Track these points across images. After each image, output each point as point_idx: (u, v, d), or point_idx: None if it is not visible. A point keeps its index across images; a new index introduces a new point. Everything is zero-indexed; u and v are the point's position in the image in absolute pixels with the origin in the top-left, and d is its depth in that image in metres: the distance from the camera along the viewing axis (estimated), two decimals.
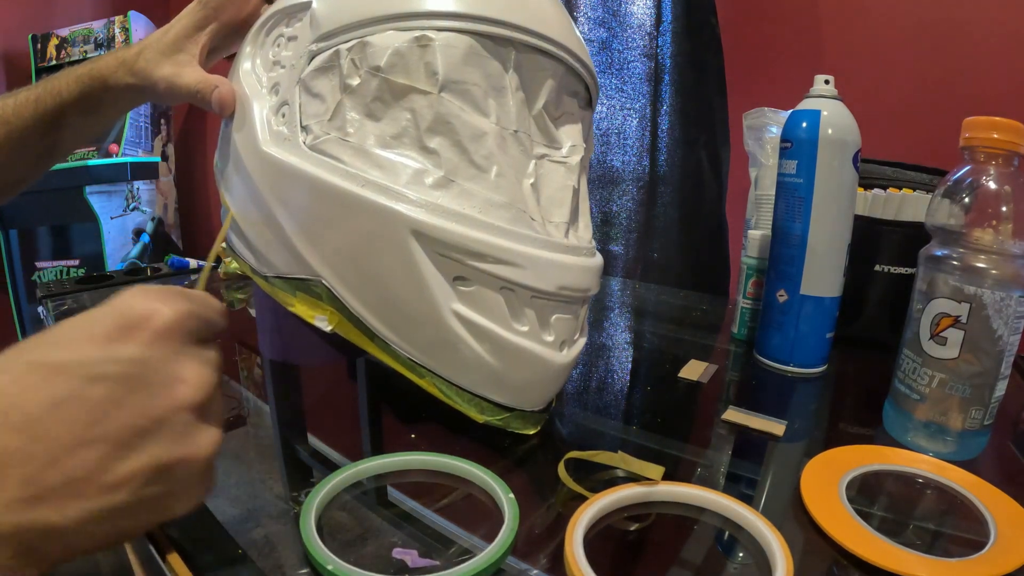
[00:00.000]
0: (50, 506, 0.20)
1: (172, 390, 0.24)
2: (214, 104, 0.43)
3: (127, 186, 1.96)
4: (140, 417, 0.23)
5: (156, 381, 0.23)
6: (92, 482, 0.21)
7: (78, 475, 0.21)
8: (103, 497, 0.22)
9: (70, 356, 0.23)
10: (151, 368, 0.23)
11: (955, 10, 0.99)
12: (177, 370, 0.24)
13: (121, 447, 0.22)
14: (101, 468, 0.22)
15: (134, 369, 0.23)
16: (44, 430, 0.21)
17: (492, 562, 0.29)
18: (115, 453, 0.22)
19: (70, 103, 0.48)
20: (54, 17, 2.07)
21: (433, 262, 0.36)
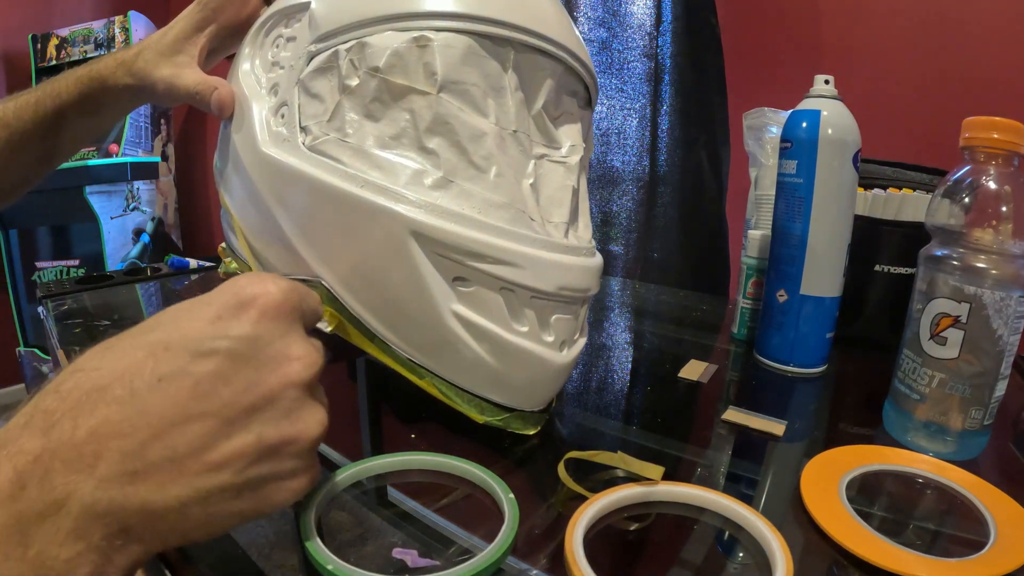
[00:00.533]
0: (150, 483, 0.20)
1: (281, 367, 0.23)
2: (213, 106, 0.43)
3: (127, 186, 1.96)
4: (247, 393, 0.22)
5: (265, 358, 0.23)
6: (195, 459, 0.21)
7: (181, 451, 0.20)
8: (206, 476, 0.21)
9: (178, 334, 0.22)
10: (260, 345, 0.23)
11: (955, 10, 0.99)
12: (285, 348, 0.24)
13: (227, 423, 0.21)
14: (205, 445, 0.21)
15: (243, 346, 0.22)
16: (149, 404, 0.20)
17: (492, 562, 0.29)
18: (221, 429, 0.21)
19: (70, 105, 0.48)
20: (54, 17, 2.07)
21: (432, 263, 0.36)
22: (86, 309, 0.72)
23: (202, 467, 0.21)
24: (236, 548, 0.30)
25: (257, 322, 0.23)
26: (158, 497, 0.20)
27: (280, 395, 0.23)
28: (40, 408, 0.20)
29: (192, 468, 0.21)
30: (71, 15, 2.06)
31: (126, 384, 0.20)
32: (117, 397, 0.20)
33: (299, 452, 0.24)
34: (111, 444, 0.19)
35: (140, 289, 0.84)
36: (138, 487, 0.20)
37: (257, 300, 0.23)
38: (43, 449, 0.19)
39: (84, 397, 0.20)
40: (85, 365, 0.21)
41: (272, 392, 0.23)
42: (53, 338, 0.64)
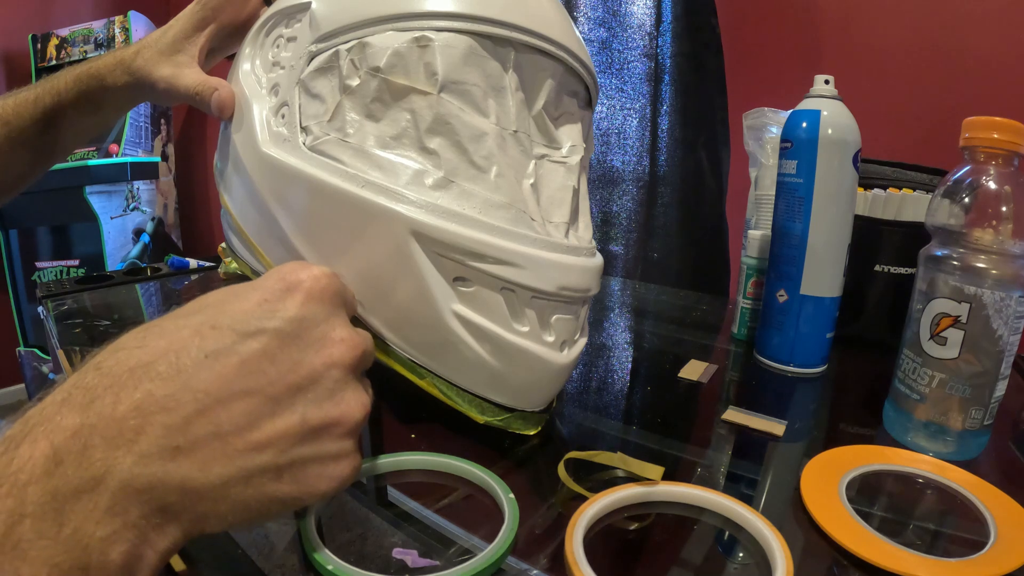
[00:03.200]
0: (193, 459, 0.19)
1: (326, 347, 0.23)
2: (213, 107, 0.43)
3: (127, 186, 1.96)
4: (293, 373, 0.22)
5: (311, 338, 0.23)
6: (240, 437, 0.21)
7: (226, 428, 0.20)
8: (249, 455, 0.21)
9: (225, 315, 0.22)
10: (306, 326, 0.23)
11: (955, 10, 0.99)
12: (330, 330, 0.24)
13: (272, 402, 0.21)
14: (250, 423, 0.21)
15: (289, 326, 0.23)
16: (194, 380, 0.20)
17: (492, 562, 0.29)
18: (266, 408, 0.21)
19: (69, 102, 0.48)
20: (54, 17, 2.07)
21: (433, 263, 0.36)
22: (86, 309, 0.72)
23: (246, 445, 0.21)
24: (236, 548, 0.30)
25: (303, 304, 0.23)
26: (200, 474, 0.20)
27: (324, 375, 0.23)
28: (80, 385, 0.19)
29: (236, 445, 0.20)
30: (71, 15, 2.06)
31: (171, 361, 0.20)
32: (161, 373, 0.20)
33: (342, 434, 0.24)
34: (154, 419, 0.19)
35: (140, 289, 0.84)
36: (180, 463, 0.19)
37: (303, 284, 0.24)
38: (82, 424, 0.18)
39: (127, 373, 0.20)
40: (127, 344, 0.21)
41: (316, 372, 0.23)
42: (53, 338, 0.64)
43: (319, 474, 0.23)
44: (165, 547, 0.20)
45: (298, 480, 0.23)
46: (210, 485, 0.20)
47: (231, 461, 0.20)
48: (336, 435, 0.24)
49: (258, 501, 0.22)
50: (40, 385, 1.93)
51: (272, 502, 0.22)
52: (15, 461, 0.17)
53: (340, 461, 0.24)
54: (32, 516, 0.17)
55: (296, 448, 0.22)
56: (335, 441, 0.24)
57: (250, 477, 0.21)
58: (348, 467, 0.25)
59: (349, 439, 0.24)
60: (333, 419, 0.23)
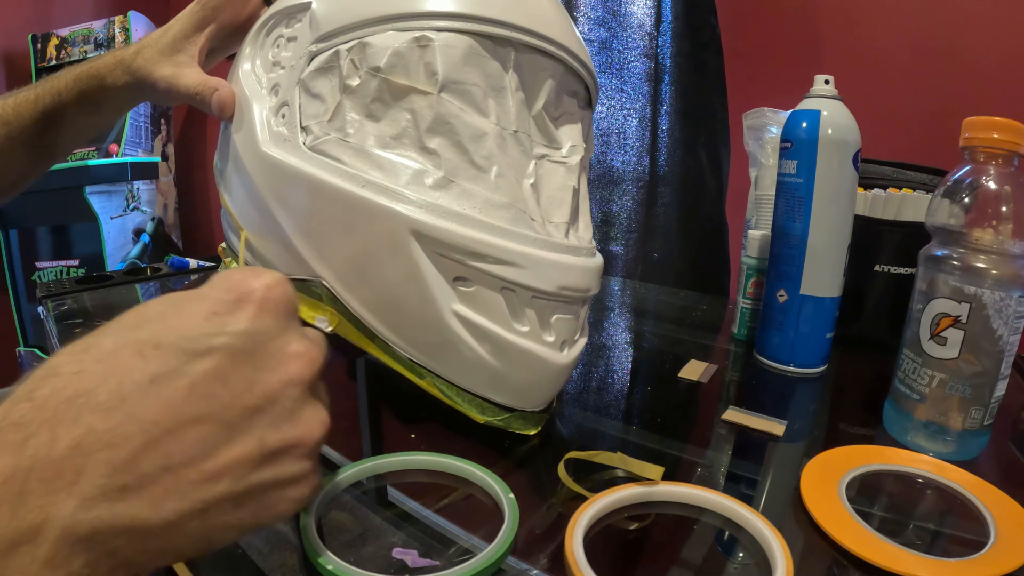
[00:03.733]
0: (143, 497, 0.18)
1: (283, 364, 0.22)
2: (214, 107, 0.43)
3: (127, 186, 1.96)
4: (248, 394, 0.20)
5: (265, 355, 0.21)
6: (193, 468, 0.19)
7: (177, 460, 0.18)
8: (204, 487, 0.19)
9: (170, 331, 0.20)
10: (259, 341, 0.21)
11: (955, 10, 0.99)
12: (285, 344, 0.22)
13: (227, 427, 0.20)
14: (204, 452, 0.19)
15: (241, 342, 0.21)
16: (140, 409, 0.18)
17: (492, 562, 0.29)
18: (220, 434, 0.19)
19: (69, 102, 0.48)
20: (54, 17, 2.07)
21: (433, 262, 0.36)
22: (86, 309, 0.72)
23: (200, 476, 0.19)
24: (236, 548, 0.30)
25: (255, 317, 0.22)
26: (151, 512, 0.18)
27: (281, 395, 0.21)
28: (11, 420, 0.17)
29: (189, 478, 0.19)
30: (71, 15, 2.06)
31: (113, 388, 0.18)
32: (103, 403, 0.18)
33: (301, 455, 0.22)
34: (97, 456, 0.17)
35: (140, 289, 0.84)
36: (129, 503, 0.17)
37: (254, 294, 0.22)
38: (16, 467, 0.16)
39: (64, 405, 0.18)
40: (62, 369, 0.19)
41: (273, 392, 0.21)
42: (53, 338, 0.64)
43: (278, 497, 0.22)
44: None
45: (257, 506, 0.21)
46: (163, 523, 0.18)
47: (184, 495, 0.19)
48: (296, 456, 0.22)
49: (214, 531, 0.20)
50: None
51: (229, 530, 0.21)
52: None
53: (299, 483, 0.22)
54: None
55: (254, 474, 0.20)
56: (294, 462, 0.22)
57: (207, 509, 0.19)
58: (307, 488, 0.23)
59: (308, 460, 0.23)
60: (292, 441, 0.22)
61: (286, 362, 0.22)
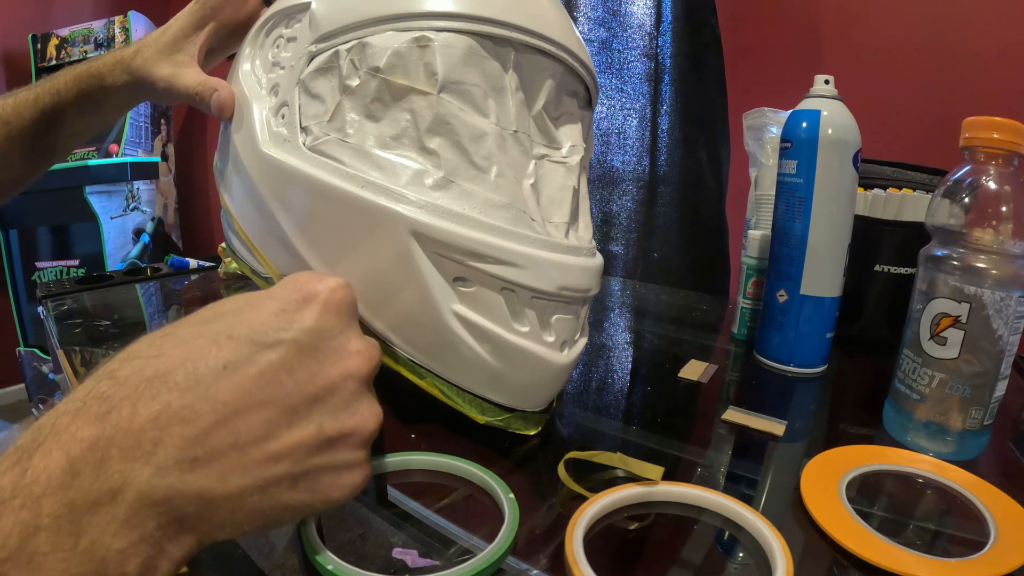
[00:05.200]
0: (211, 471, 0.20)
1: (343, 359, 0.24)
2: (213, 108, 0.43)
3: (127, 186, 1.96)
4: (310, 384, 0.22)
5: (328, 349, 0.23)
6: (258, 447, 0.21)
7: (244, 439, 0.20)
8: (266, 466, 0.21)
9: (243, 324, 0.22)
10: (323, 337, 0.24)
11: (955, 10, 0.99)
12: (346, 342, 0.25)
13: (289, 413, 0.22)
14: (268, 433, 0.21)
15: (306, 338, 0.23)
16: (212, 391, 0.20)
17: (492, 562, 0.29)
18: (283, 419, 0.21)
19: (68, 102, 0.48)
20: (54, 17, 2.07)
21: (433, 263, 0.36)
22: (86, 309, 0.72)
23: (263, 455, 0.21)
24: (236, 548, 0.30)
25: (320, 316, 0.24)
26: (218, 485, 0.20)
27: (340, 387, 0.23)
28: (95, 394, 0.19)
29: (254, 456, 0.21)
30: (71, 15, 2.06)
31: (189, 371, 0.20)
32: (179, 383, 0.20)
33: (356, 444, 0.24)
34: (173, 430, 0.19)
35: (140, 289, 0.84)
36: (198, 474, 0.19)
37: (319, 295, 0.24)
38: (99, 435, 0.18)
39: (144, 384, 0.19)
40: (142, 352, 0.21)
41: (333, 383, 0.23)
42: (53, 338, 0.64)
43: (332, 483, 0.24)
44: (179, 557, 0.20)
45: (312, 488, 0.23)
46: (227, 495, 0.20)
47: (249, 471, 0.21)
48: (351, 445, 0.24)
49: (272, 509, 0.22)
50: (40, 385, 1.93)
51: (286, 510, 0.22)
52: (29, 472, 0.17)
53: (352, 470, 0.24)
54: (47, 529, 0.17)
55: (312, 458, 0.22)
56: (349, 451, 0.24)
57: (267, 487, 0.21)
58: (360, 476, 0.25)
59: (362, 449, 0.25)
60: (348, 430, 0.24)
61: (346, 357, 0.24)
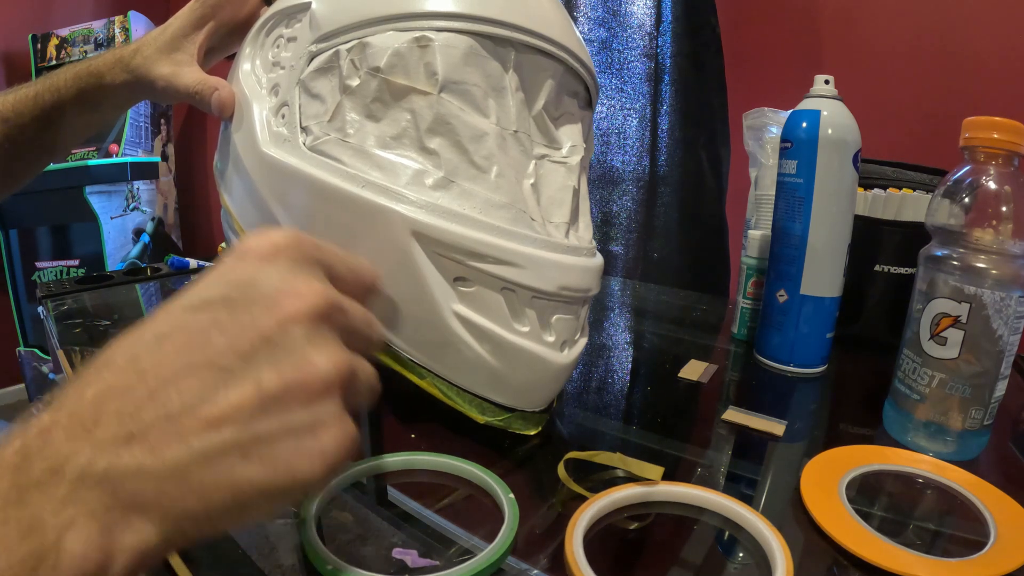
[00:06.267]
0: (144, 444, 0.18)
1: (279, 304, 0.21)
2: (213, 107, 0.43)
3: (127, 186, 1.96)
4: (243, 338, 0.20)
5: (262, 297, 0.21)
6: (191, 415, 0.19)
7: (175, 408, 0.19)
8: (204, 434, 0.19)
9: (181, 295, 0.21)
10: (258, 286, 0.21)
11: (955, 10, 0.99)
12: (286, 284, 0.21)
13: (223, 373, 0.20)
14: (201, 399, 0.19)
15: (239, 291, 0.21)
16: (144, 364, 0.19)
17: (492, 562, 0.29)
18: (217, 380, 0.19)
19: (68, 100, 0.48)
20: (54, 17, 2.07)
21: (433, 263, 0.36)
22: (86, 309, 0.72)
23: (198, 423, 0.19)
24: (236, 548, 0.31)
25: (254, 267, 0.22)
26: (153, 459, 0.18)
27: (280, 335, 0.20)
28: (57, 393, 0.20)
29: (188, 425, 0.19)
30: (71, 15, 2.06)
31: (127, 350, 0.20)
32: (118, 363, 0.20)
33: (310, 398, 0.21)
34: (109, 407, 0.19)
35: (140, 289, 0.84)
36: (133, 450, 0.18)
37: (253, 249, 0.22)
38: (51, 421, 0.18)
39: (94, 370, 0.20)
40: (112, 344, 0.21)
41: (271, 332, 0.20)
42: (53, 338, 0.64)
43: (295, 451, 0.20)
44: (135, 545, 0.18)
45: (270, 460, 0.20)
46: (166, 470, 0.19)
47: (184, 442, 0.19)
48: (302, 401, 0.20)
49: (230, 490, 0.19)
50: (40, 385, 1.93)
51: (248, 490, 0.20)
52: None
53: (318, 433, 0.21)
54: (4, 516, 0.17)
55: (257, 421, 0.20)
56: (303, 409, 0.20)
57: (210, 458, 0.19)
58: (331, 440, 0.21)
59: (323, 404, 0.21)
60: (294, 381, 0.20)
61: (284, 300, 0.21)
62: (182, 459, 0.19)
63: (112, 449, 0.18)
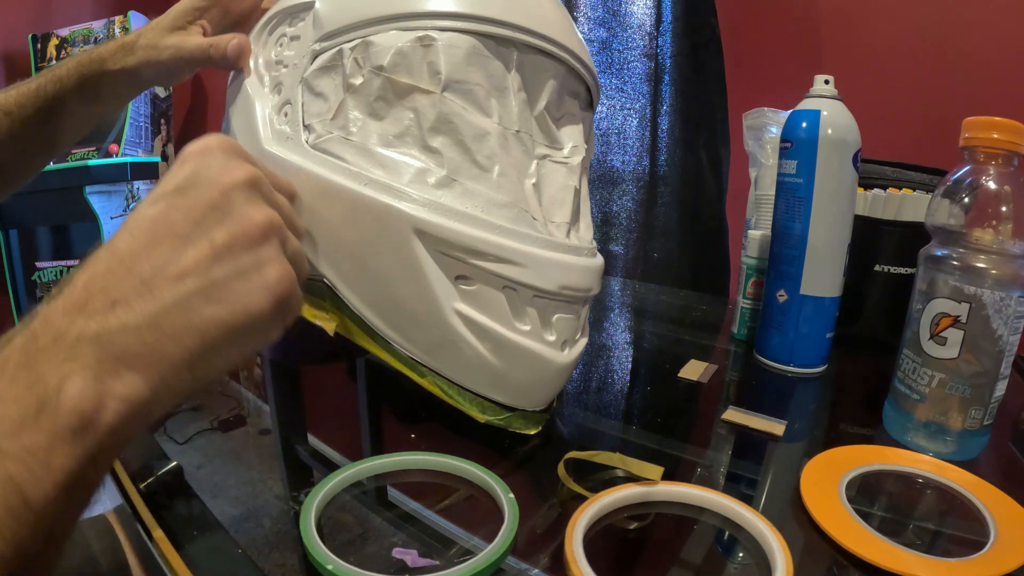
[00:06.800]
0: (125, 307, 0.23)
1: (219, 180, 0.26)
2: (231, 51, 0.44)
3: (127, 186, 1.96)
4: (194, 209, 0.25)
5: (207, 179, 0.26)
6: (160, 276, 0.24)
7: (147, 274, 0.23)
8: (172, 287, 0.24)
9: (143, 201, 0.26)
10: (201, 173, 0.26)
11: (955, 10, 0.99)
12: (222, 167, 0.27)
13: (182, 239, 0.24)
14: (167, 262, 0.24)
15: (187, 180, 0.26)
16: (123, 251, 0.24)
17: (492, 562, 0.29)
18: (178, 246, 0.24)
19: (69, 89, 0.48)
20: (54, 17, 2.07)
21: (435, 261, 0.36)
22: None
23: (166, 280, 0.24)
24: (236, 548, 0.31)
25: (195, 161, 0.27)
26: (133, 316, 0.23)
27: (223, 201, 0.26)
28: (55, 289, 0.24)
29: (159, 284, 0.23)
30: (71, 15, 2.06)
31: (107, 247, 0.24)
32: (101, 257, 0.24)
33: (251, 244, 0.26)
34: (97, 287, 0.23)
35: None
36: (118, 312, 0.23)
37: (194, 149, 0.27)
38: (50, 310, 0.23)
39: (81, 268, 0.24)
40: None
41: (215, 200, 0.26)
42: None
43: (245, 289, 0.25)
44: (125, 394, 0.22)
45: (228, 299, 0.25)
46: (144, 321, 0.23)
47: (156, 297, 0.23)
48: (245, 246, 0.25)
49: (199, 331, 0.24)
50: None
51: (214, 330, 0.24)
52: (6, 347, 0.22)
53: (262, 271, 0.26)
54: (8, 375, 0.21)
55: (214, 268, 0.24)
56: (248, 252, 0.25)
57: (179, 305, 0.24)
58: (272, 274, 0.26)
59: (263, 248, 0.26)
60: (237, 232, 0.25)
61: (222, 176, 0.26)
62: (156, 311, 0.23)
63: (101, 316, 0.22)
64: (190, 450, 0.41)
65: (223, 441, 0.43)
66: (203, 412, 0.48)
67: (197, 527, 0.32)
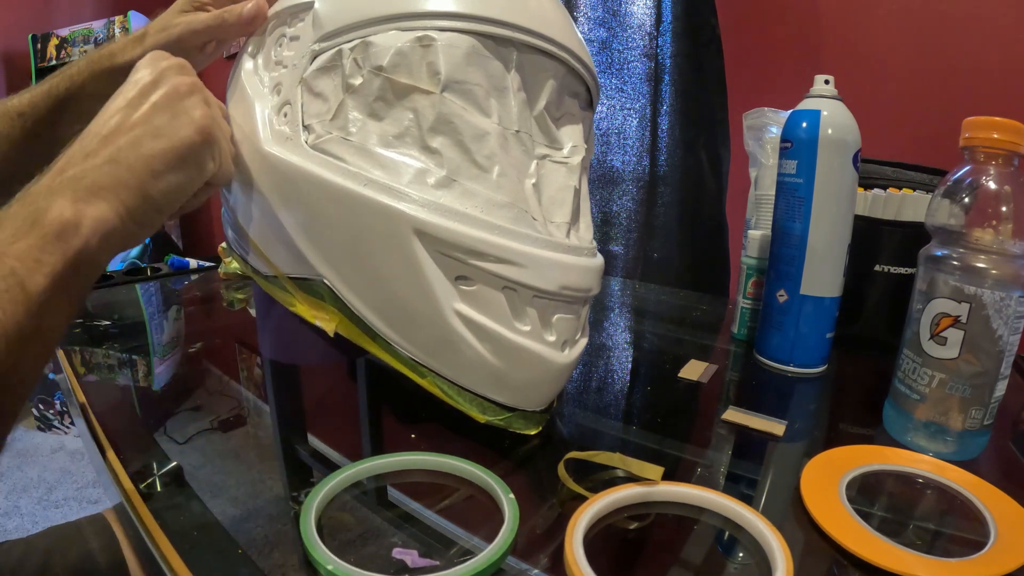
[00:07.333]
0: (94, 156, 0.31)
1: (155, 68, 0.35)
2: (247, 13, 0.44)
3: None
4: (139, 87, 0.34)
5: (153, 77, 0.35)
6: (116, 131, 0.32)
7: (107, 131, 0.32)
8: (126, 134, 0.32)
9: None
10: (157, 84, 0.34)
11: (955, 10, 0.99)
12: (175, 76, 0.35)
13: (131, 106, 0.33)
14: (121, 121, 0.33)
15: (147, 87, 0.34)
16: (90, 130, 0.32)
17: (492, 562, 0.29)
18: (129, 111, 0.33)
19: (80, 85, 0.48)
20: (54, 17, 2.07)
21: (435, 261, 0.36)
22: (86, 309, 0.72)
23: (121, 132, 0.32)
24: (236, 548, 0.31)
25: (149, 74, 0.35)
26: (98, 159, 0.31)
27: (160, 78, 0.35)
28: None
29: (115, 136, 0.32)
30: (71, 15, 2.06)
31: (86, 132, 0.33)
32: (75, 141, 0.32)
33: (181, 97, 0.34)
34: (76, 153, 0.31)
35: (140, 289, 0.84)
36: (88, 160, 0.31)
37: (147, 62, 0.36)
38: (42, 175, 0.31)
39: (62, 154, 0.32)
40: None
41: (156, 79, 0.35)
42: None
43: (178, 124, 0.34)
44: (96, 215, 0.30)
45: (165, 134, 0.33)
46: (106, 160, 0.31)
47: (114, 143, 0.32)
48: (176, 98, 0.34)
49: (147, 159, 0.32)
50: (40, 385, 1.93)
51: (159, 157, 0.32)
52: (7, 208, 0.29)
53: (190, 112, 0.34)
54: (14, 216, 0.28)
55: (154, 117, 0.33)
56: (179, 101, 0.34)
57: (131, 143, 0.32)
58: (197, 113, 0.34)
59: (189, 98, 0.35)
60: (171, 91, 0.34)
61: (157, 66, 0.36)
62: (113, 152, 0.31)
63: (78, 166, 0.31)
64: (190, 450, 0.41)
65: (223, 441, 0.43)
66: (203, 412, 0.48)
67: (197, 527, 0.32)
